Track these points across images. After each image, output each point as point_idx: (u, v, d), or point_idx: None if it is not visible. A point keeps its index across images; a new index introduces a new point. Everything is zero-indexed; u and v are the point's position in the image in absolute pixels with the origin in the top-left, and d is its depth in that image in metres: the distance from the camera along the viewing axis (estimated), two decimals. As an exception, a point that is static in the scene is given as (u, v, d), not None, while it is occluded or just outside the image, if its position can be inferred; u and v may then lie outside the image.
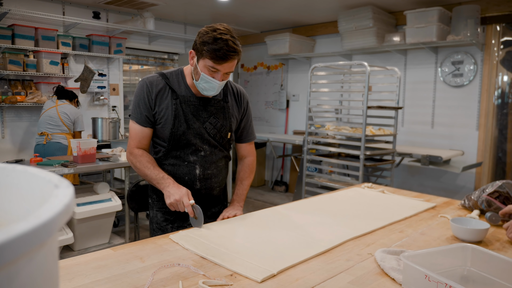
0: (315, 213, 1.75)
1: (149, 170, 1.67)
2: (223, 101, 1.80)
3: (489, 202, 1.74)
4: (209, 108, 1.76)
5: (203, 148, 1.76)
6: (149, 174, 1.67)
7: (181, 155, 1.75)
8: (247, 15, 5.73)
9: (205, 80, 1.63)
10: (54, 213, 0.31)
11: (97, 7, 5.17)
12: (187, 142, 1.73)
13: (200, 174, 1.78)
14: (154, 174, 1.66)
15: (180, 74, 1.76)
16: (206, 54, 1.56)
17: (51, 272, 0.35)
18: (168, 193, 1.59)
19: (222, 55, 1.55)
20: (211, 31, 1.56)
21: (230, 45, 1.55)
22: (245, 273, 1.11)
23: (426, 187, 4.97)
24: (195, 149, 1.75)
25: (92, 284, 1.05)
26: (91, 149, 3.33)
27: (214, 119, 1.76)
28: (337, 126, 4.28)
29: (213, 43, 1.54)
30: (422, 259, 0.87)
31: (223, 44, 1.53)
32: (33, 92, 4.56)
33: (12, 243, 0.27)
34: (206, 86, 1.65)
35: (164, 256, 1.24)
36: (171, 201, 1.56)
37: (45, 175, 0.43)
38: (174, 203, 1.56)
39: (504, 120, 4.58)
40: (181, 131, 1.70)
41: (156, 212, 1.83)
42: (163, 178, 1.64)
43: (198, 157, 1.76)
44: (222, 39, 1.54)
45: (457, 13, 4.42)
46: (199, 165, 1.76)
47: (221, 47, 1.53)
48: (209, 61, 1.58)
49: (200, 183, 1.79)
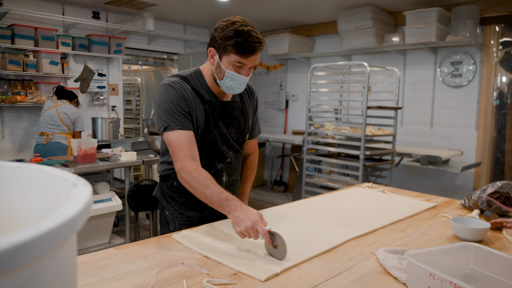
0: (316, 213, 1.76)
1: (209, 190, 1.41)
2: (241, 103, 1.73)
3: (489, 202, 1.75)
4: (232, 112, 1.67)
5: (228, 155, 1.69)
6: (209, 195, 1.40)
7: (207, 163, 1.64)
8: (247, 15, 5.63)
9: (231, 77, 1.53)
10: (77, 211, 0.32)
11: (96, 7, 5.17)
12: (215, 149, 1.64)
13: (226, 181, 1.71)
14: (215, 195, 1.39)
15: (200, 76, 1.64)
16: (231, 49, 1.47)
17: (71, 268, 0.36)
18: (237, 219, 1.31)
19: (249, 48, 1.46)
20: (231, 24, 1.47)
21: (254, 36, 1.47)
22: (248, 272, 1.12)
23: (425, 187, 4.98)
24: (222, 156, 1.67)
25: (97, 283, 1.05)
26: (92, 149, 3.33)
27: (237, 122, 1.69)
28: (336, 126, 4.30)
29: (236, 36, 1.45)
30: (426, 257, 0.88)
31: (247, 35, 1.45)
32: (33, 92, 4.55)
33: (38, 240, 0.28)
34: (232, 84, 1.55)
35: (168, 256, 1.25)
36: (242, 230, 1.29)
37: (60, 174, 0.43)
38: (246, 231, 1.28)
39: (502, 121, 4.60)
40: (211, 138, 1.61)
41: (179, 225, 1.69)
42: (227, 199, 1.37)
43: (225, 164, 1.69)
44: (244, 30, 1.46)
45: (456, 14, 4.44)
46: (225, 172, 1.69)
47: (246, 39, 1.45)
48: (234, 56, 1.48)
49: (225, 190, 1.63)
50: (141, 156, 3.73)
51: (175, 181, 1.69)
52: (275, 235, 1.25)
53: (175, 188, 1.71)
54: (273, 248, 1.24)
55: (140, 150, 4.13)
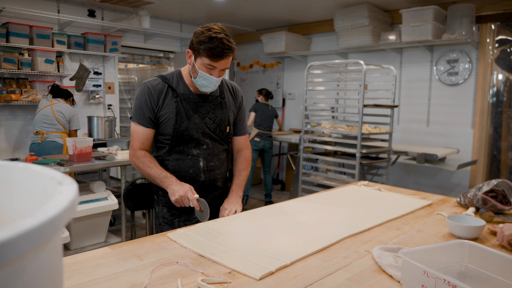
0: (312, 211, 1.76)
1: (152, 170, 1.73)
2: (220, 97, 1.90)
3: (485, 200, 1.75)
4: (207, 104, 1.86)
5: (205, 142, 1.85)
6: (152, 174, 1.73)
7: (184, 149, 1.83)
8: (243, 14, 5.72)
9: (203, 77, 1.73)
10: (60, 209, 0.31)
11: (92, 5, 5.15)
12: (189, 137, 1.81)
13: (204, 166, 1.86)
14: (157, 174, 1.72)
15: (178, 75, 1.86)
16: (203, 52, 1.66)
17: (56, 268, 0.35)
18: (172, 191, 1.66)
19: (218, 53, 1.65)
20: (206, 31, 1.66)
21: (225, 43, 1.65)
22: (243, 270, 1.11)
23: (422, 185, 4.99)
24: (198, 143, 1.84)
25: (91, 282, 1.04)
26: (87, 148, 3.32)
27: (213, 114, 1.86)
28: (333, 124, 4.29)
29: (209, 42, 1.64)
30: (420, 255, 0.87)
31: (219, 42, 1.64)
32: (28, 91, 4.53)
33: (19, 239, 0.27)
34: (204, 83, 1.75)
35: (162, 254, 1.24)
36: (176, 198, 1.64)
37: (47, 172, 0.43)
38: (179, 199, 1.63)
39: (498, 118, 4.61)
40: (184, 127, 1.79)
41: (162, 207, 1.90)
42: (166, 177, 1.71)
43: (201, 150, 1.85)
44: (217, 37, 1.64)
45: (453, 12, 4.44)
46: (202, 158, 1.85)
47: (216, 45, 1.64)
48: (206, 59, 1.68)
49: (204, 175, 1.87)
50: (137, 154, 3.71)
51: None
52: (201, 202, 1.61)
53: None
54: (200, 212, 1.62)
55: (136, 148, 4.11)
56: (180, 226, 1.81)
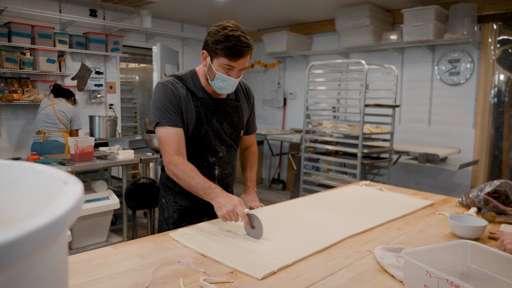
0: (314, 210, 1.76)
1: (194, 180, 1.55)
2: (236, 100, 1.82)
3: (487, 201, 1.75)
4: (225, 109, 1.77)
5: (221, 149, 1.78)
6: (194, 185, 1.55)
7: (200, 156, 1.75)
8: (244, 13, 5.72)
9: (221, 79, 1.62)
10: (66, 209, 0.31)
11: (94, 4, 5.15)
12: (207, 144, 1.73)
13: (218, 174, 1.81)
14: (199, 184, 1.54)
15: (194, 76, 1.74)
16: (221, 52, 1.56)
17: (62, 267, 0.35)
18: (218, 204, 1.46)
19: (237, 52, 1.55)
20: (222, 29, 1.56)
21: (243, 41, 1.55)
22: (245, 270, 1.12)
23: (423, 185, 4.99)
24: (214, 151, 1.76)
25: (93, 281, 1.05)
26: (89, 147, 3.32)
27: (230, 118, 1.78)
28: (334, 124, 4.29)
29: (226, 41, 1.54)
30: (422, 255, 0.87)
31: (236, 40, 1.54)
32: (30, 90, 4.53)
33: (25, 239, 0.27)
34: (222, 85, 1.64)
35: (164, 254, 1.25)
36: (224, 213, 1.43)
37: (52, 171, 0.43)
38: (227, 214, 1.43)
39: (500, 118, 4.60)
40: (203, 133, 1.71)
41: (172, 213, 1.81)
42: (210, 188, 1.52)
43: (217, 158, 1.78)
44: (234, 35, 1.54)
45: (454, 12, 4.44)
46: (218, 166, 1.79)
47: (234, 44, 1.54)
48: (224, 59, 1.58)
49: (218, 183, 1.80)
50: (139, 154, 3.72)
51: None
52: (253, 217, 1.38)
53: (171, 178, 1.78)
54: (251, 228, 1.38)
55: (138, 148, 4.12)
56: None
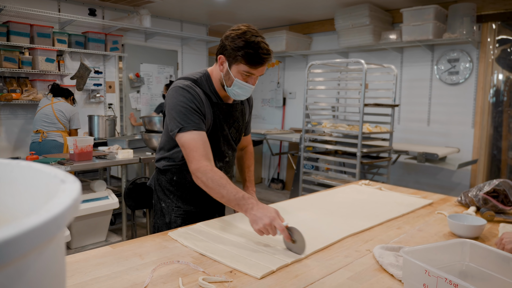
0: (313, 210, 1.76)
1: (225, 190, 1.43)
2: (241, 104, 1.79)
3: (486, 200, 1.75)
4: (234, 113, 1.75)
5: (227, 154, 1.77)
6: (226, 195, 1.43)
7: None
8: (244, 12, 5.72)
9: (239, 85, 1.58)
10: (64, 207, 0.31)
11: (93, 4, 5.15)
12: (217, 149, 1.70)
13: None
14: (232, 195, 1.42)
15: (208, 80, 1.68)
16: (241, 59, 1.52)
17: (59, 266, 0.35)
18: (254, 217, 1.33)
19: (259, 59, 1.51)
20: (242, 35, 1.51)
21: (264, 47, 1.51)
22: (244, 269, 1.12)
23: (422, 184, 4.99)
24: (222, 156, 1.75)
25: (92, 281, 1.05)
26: (88, 147, 3.32)
27: (237, 123, 1.77)
28: (333, 123, 4.29)
29: (247, 47, 1.49)
30: (421, 254, 0.87)
31: (257, 47, 1.50)
32: (29, 90, 4.53)
33: (23, 237, 0.27)
34: (239, 92, 1.61)
35: (164, 253, 1.25)
36: (260, 227, 1.31)
37: (50, 170, 0.43)
38: (264, 228, 1.30)
39: (499, 118, 4.61)
40: (217, 138, 1.69)
41: (175, 218, 1.76)
42: (243, 198, 1.40)
43: (224, 163, 1.77)
44: (255, 42, 1.49)
45: (453, 11, 4.44)
46: (224, 170, 1.77)
47: (256, 51, 1.50)
48: (244, 66, 1.53)
49: None
50: (138, 154, 3.72)
51: (175, 175, 1.76)
52: (292, 230, 1.27)
53: (174, 182, 1.77)
54: (291, 243, 1.27)
55: (137, 148, 4.12)
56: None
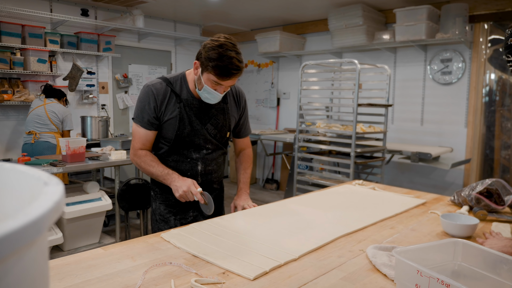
0: (306, 210, 1.75)
1: (154, 168, 1.75)
2: (223, 103, 1.87)
3: (479, 200, 1.76)
4: (210, 111, 1.83)
5: (205, 147, 1.86)
6: (155, 172, 1.75)
7: (184, 152, 1.85)
8: (237, 13, 5.71)
9: (208, 91, 1.70)
10: (44, 211, 0.30)
11: (85, 4, 5.11)
12: (191, 142, 1.82)
13: (201, 170, 1.88)
14: (159, 171, 1.74)
15: (183, 79, 1.82)
16: (211, 70, 1.61)
17: (41, 271, 0.34)
18: (175, 187, 1.66)
19: (227, 73, 1.60)
20: (217, 47, 1.58)
21: (234, 63, 1.59)
22: (237, 271, 1.11)
23: (416, 183, 5.01)
24: (198, 148, 1.85)
25: (83, 284, 1.03)
26: (80, 148, 3.29)
27: (215, 120, 1.85)
28: (327, 123, 4.30)
29: (218, 60, 1.58)
30: (414, 254, 0.87)
31: (228, 62, 1.58)
32: (20, 91, 4.49)
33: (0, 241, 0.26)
34: (208, 96, 1.72)
35: (156, 255, 1.23)
36: (180, 193, 1.64)
37: (34, 172, 0.42)
38: (183, 194, 1.63)
39: (492, 117, 4.63)
40: (186, 133, 1.79)
41: (159, 205, 1.92)
42: (168, 174, 1.72)
43: (201, 154, 1.86)
44: (228, 56, 1.57)
45: (446, 11, 4.46)
46: (201, 162, 1.87)
47: (226, 65, 1.58)
48: (213, 76, 1.63)
49: (202, 178, 1.89)
50: (131, 154, 3.69)
51: None
52: (205, 195, 1.64)
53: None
54: (205, 205, 1.65)
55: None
56: (175, 224, 1.86)
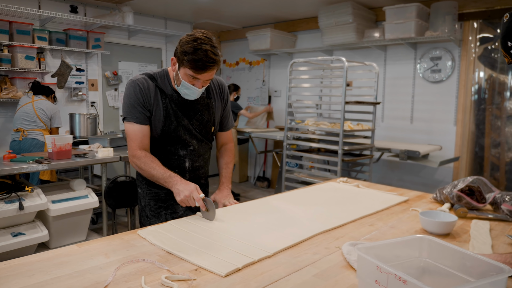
0: (287, 207, 1.75)
1: (155, 170, 1.70)
2: (207, 98, 1.88)
3: (460, 197, 1.76)
4: (195, 106, 1.84)
5: (191, 143, 1.87)
6: (155, 174, 1.70)
7: (171, 149, 1.85)
8: (228, 10, 5.69)
9: (185, 86, 1.71)
10: None
11: (74, 0, 5.07)
12: (177, 138, 1.83)
13: (189, 166, 1.91)
14: (160, 174, 1.69)
15: (166, 76, 1.83)
16: (186, 63, 1.62)
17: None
18: (177, 191, 1.61)
19: (202, 66, 1.60)
20: (192, 41, 1.59)
21: (210, 56, 1.59)
22: (209, 267, 1.10)
23: (405, 181, 5.03)
24: (184, 144, 1.86)
25: (52, 280, 1.02)
26: (67, 145, 3.27)
27: (200, 115, 1.86)
28: (316, 121, 4.30)
29: (193, 53, 1.58)
30: (380, 250, 0.87)
31: (203, 55, 1.58)
32: (8, 88, 4.45)
33: None
34: (186, 92, 1.73)
35: (130, 252, 1.23)
36: (182, 198, 1.59)
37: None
38: (185, 199, 1.58)
39: (481, 115, 4.66)
40: (172, 128, 1.80)
41: (148, 201, 1.92)
42: (169, 177, 1.67)
43: (187, 151, 1.88)
44: (202, 49, 1.58)
45: (435, 9, 4.47)
46: (188, 159, 1.89)
47: (200, 58, 1.58)
48: (189, 70, 1.63)
49: (189, 174, 1.92)
50: (119, 152, 3.68)
51: None
52: (207, 201, 1.55)
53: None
54: (206, 211, 1.55)
55: (119, 146, 4.07)
56: (167, 219, 1.86)
